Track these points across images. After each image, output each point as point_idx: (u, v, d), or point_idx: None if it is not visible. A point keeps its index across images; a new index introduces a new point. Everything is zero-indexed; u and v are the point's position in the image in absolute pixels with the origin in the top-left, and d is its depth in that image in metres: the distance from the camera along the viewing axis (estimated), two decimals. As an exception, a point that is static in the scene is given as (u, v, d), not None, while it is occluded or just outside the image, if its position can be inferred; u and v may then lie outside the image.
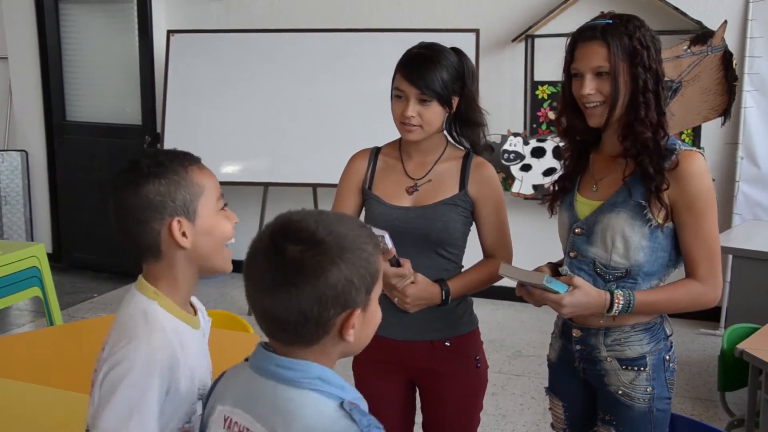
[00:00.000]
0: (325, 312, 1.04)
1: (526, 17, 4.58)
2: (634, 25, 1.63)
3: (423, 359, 1.93)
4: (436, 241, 1.88)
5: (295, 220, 1.07)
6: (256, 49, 4.82)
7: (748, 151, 4.30)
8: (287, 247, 1.03)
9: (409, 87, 1.81)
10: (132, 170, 1.24)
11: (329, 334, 1.07)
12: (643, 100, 1.63)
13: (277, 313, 1.04)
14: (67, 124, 5.68)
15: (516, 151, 4.59)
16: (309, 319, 1.04)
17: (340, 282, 1.03)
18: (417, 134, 1.85)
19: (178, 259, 1.27)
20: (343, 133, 4.64)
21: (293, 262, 1.02)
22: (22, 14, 5.57)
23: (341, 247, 1.05)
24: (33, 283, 3.74)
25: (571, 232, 1.75)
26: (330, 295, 1.03)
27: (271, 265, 1.04)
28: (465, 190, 1.89)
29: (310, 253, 1.03)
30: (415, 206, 1.89)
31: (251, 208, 5.15)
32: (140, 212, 1.22)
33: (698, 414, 3.33)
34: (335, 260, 1.03)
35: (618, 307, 1.64)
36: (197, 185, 1.27)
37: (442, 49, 1.87)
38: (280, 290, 1.03)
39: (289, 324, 1.04)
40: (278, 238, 1.05)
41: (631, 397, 1.71)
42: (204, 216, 1.27)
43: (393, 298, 1.86)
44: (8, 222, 5.66)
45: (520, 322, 4.47)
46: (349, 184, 1.99)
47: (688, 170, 1.62)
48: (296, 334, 1.06)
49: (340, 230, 1.07)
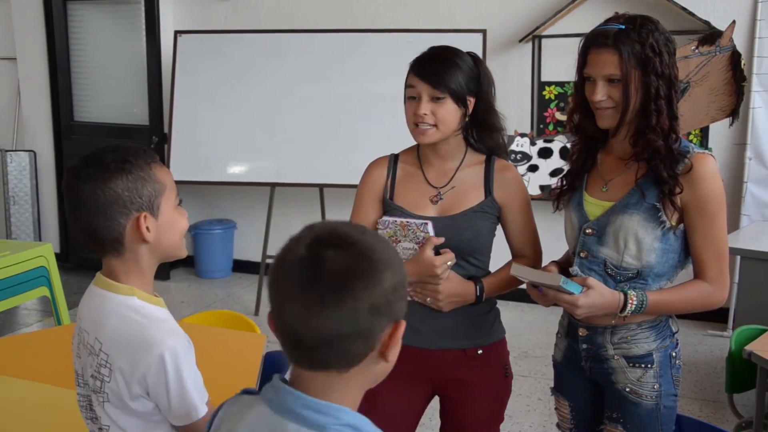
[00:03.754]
0: (377, 324, 0.96)
1: (533, 17, 4.57)
2: (647, 30, 1.61)
3: (453, 368, 1.88)
4: (466, 250, 1.83)
5: (335, 227, 0.99)
6: (263, 49, 4.83)
7: (757, 151, 4.28)
8: (337, 254, 0.95)
9: (422, 84, 1.77)
10: (96, 165, 1.27)
11: (373, 351, 0.98)
12: (655, 107, 1.62)
13: (330, 327, 0.94)
14: (75, 125, 5.71)
15: (523, 152, 4.58)
16: (360, 332, 0.95)
17: (392, 289, 0.97)
18: (432, 135, 1.79)
19: (141, 252, 1.31)
20: (350, 134, 4.65)
21: (348, 271, 0.94)
22: (30, 15, 5.60)
23: (387, 253, 0.99)
24: (41, 283, 3.75)
25: (581, 233, 1.75)
26: (383, 303, 0.96)
27: (321, 275, 0.94)
28: (491, 195, 1.84)
29: (363, 256, 0.96)
30: (441, 216, 1.83)
31: (258, 208, 5.16)
32: (107, 207, 1.26)
33: (706, 416, 3.32)
34: (387, 265, 0.97)
35: (631, 308, 1.65)
36: (160, 182, 1.31)
37: (455, 49, 1.83)
38: (335, 300, 0.93)
39: (339, 339, 0.94)
40: (322, 245, 0.96)
41: (639, 394, 1.72)
42: (165, 211, 1.31)
43: (425, 298, 1.82)
44: (16, 222, 5.68)
45: (527, 323, 4.46)
46: (369, 194, 1.91)
47: (701, 173, 1.62)
48: (343, 352, 0.96)
49: (378, 236, 1.02)
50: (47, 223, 5.86)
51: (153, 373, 1.24)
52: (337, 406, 0.98)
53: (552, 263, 1.83)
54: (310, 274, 0.94)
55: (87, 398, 1.35)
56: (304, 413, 0.97)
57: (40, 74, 5.65)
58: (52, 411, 1.97)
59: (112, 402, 1.28)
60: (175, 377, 1.25)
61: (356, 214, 1.92)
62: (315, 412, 0.97)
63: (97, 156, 1.28)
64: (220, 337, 2.47)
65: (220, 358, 2.18)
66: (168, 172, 1.35)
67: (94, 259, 1.36)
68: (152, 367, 1.24)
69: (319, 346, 0.95)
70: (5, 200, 5.63)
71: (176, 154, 4.89)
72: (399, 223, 1.78)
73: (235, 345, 2.41)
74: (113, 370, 1.26)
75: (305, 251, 0.96)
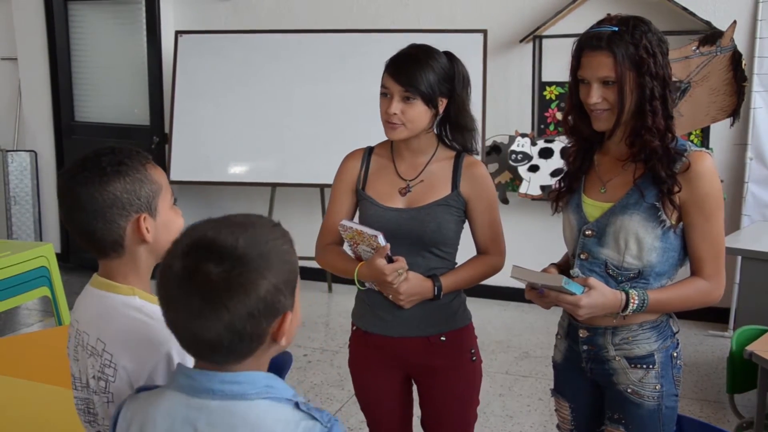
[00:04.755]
0: (259, 325, 1.01)
1: (533, 18, 4.57)
2: (640, 32, 1.62)
3: (419, 355, 1.95)
4: (430, 241, 1.90)
5: (210, 238, 1.01)
6: (264, 49, 4.83)
7: (757, 151, 4.28)
8: (210, 268, 0.98)
9: (393, 84, 1.83)
10: (93, 168, 1.27)
11: (263, 344, 1.05)
12: (650, 108, 1.63)
13: (210, 337, 1.00)
14: (76, 125, 5.71)
15: (524, 152, 4.58)
16: (244, 336, 1.01)
17: (269, 293, 1.01)
18: (400, 132, 1.86)
19: (140, 252, 1.32)
20: (351, 134, 4.63)
21: (220, 284, 0.98)
22: (31, 16, 5.60)
23: (264, 256, 1.01)
24: (42, 283, 3.76)
25: (581, 235, 1.75)
26: (261, 308, 1.00)
27: (197, 289, 0.99)
28: (457, 190, 1.91)
29: (237, 271, 0.99)
30: (408, 208, 1.90)
31: (259, 208, 5.15)
32: (106, 209, 1.26)
33: (707, 416, 3.31)
34: (262, 272, 1.00)
35: (633, 307, 1.66)
36: (156, 183, 1.32)
37: (430, 49, 1.88)
38: (210, 314, 0.98)
39: (222, 345, 1.01)
40: (198, 258, 1.00)
41: (641, 395, 1.72)
42: (162, 211, 1.33)
43: (387, 294, 1.89)
44: (17, 222, 5.69)
45: (527, 323, 4.46)
46: (343, 185, 2.00)
47: (699, 171, 1.63)
48: (231, 352, 1.03)
49: (257, 237, 1.03)
50: (48, 223, 5.86)
51: (161, 372, 1.24)
52: (251, 372, 1.06)
53: (551, 265, 1.83)
54: (184, 288, 1.00)
55: (85, 401, 1.35)
56: (222, 387, 1.04)
57: (41, 74, 5.65)
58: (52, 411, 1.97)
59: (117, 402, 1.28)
60: None
61: (332, 204, 2.02)
62: (232, 384, 1.04)
63: (92, 159, 1.29)
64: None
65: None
66: (162, 172, 1.36)
67: (95, 260, 1.36)
68: (160, 365, 1.23)
69: (204, 349, 1.03)
70: (6, 200, 5.64)
71: (177, 155, 4.89)
72: (355, 230, 1.84)
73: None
74: (118, 369, 1.26)
75: (180, 265, 1.01)
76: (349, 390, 3.59)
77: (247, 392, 1.04)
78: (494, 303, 4.64)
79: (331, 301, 4.95)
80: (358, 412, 3.41)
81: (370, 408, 2.07)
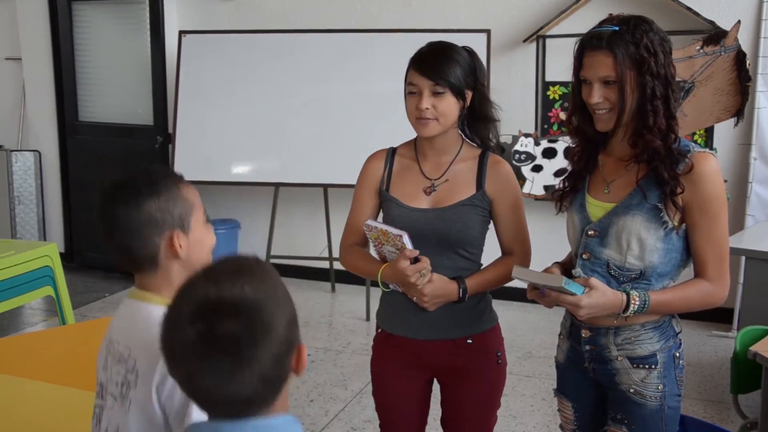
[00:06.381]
0: (284, 365, 1.01)
1: (537, 17, 4.57)
2: (641, 31, 1.61)
3: (445, 357, 1.94)
4: (456, 241, 1.89)
5: (216, 295, 0.97)
6: (267, 49, 4.83)
7: (762, 151, 4.27)
8: (229, 326, 0.95)
9: (422, 80, 1.82)
10: (129, 188, 1.34)
11: (287, 380, 1.04)
12: (651, 108, 1.62)
13: (246, 393, 0.98)
14: (80, 125, 5.72)
15: (527, 152, 4.58)
16: (274, 381, 1.00)
17: (285, 330, 1.00)
18: (433, 128, 1.85)
19: (173, 267, 1.36)
20: (354, 134, 4.65)
21: (244, 337, 0.95)
22: (35, 16, 5.61)
23: (272, 297, 1.00)
24: (45, 283, 3.76)
25: (583, 234, 1.75)
26: (284, 348, 1.00)
27: (221, 352, 0.95)
28: (483, 189, 1.90)
29: (254, 319, 0.97)
30: (434, 208, 1.89)
31: (262, 208, 5.16)
32: (142, 227, 1.32)
33: (710, 416, 3.31)
34: (276, 313, 0.99)
35: (634, 308, 1.65)
36: (188, 201, 1.38)
37: (451, 44, 1.89)
38: (242, 372, 0.96)
39: (257, 398, 0.99)
40: (212, 321, 0.96)
41: (643, 395, 1.72)
42: (195, 228, 1.39)
43: (412, 296, 1.88)
44: (21, 222, 5.70)
45: (531, 323, 4.46)
46: (366, 187, 1.98)
47: (703, 172, 1.62)
48: (263, 401, 1.01)
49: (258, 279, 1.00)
50: (52, 223, 5.87)
51: (170, 380, 1.24)
52: (277, 418, 1.02)
53: (555, 264, 1.83)
54: (208, 355, 0.96)
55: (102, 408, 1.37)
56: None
57: (45, 74, 5.66)
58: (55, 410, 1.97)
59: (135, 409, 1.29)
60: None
61: (355, 206, 2.00)
62: (268, 429, 1.01)
63: (129, 180, 1.36)
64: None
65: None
66: (195, 191, 1.41)
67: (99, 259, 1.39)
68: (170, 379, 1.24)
69: (241, 405, 0.99)
70: (10, 200, 5.65)
71: (180, 154, 4.90)
72: (380, 230, 1.83)
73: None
74: (139, 375, 1.28)
75: (193, 332, 0.96)
76: (352, 390, 3.59)
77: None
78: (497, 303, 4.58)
79: (334, 301, 4.94)
80: (361, 411, 3.41)
81: (386, 411, 2.05)
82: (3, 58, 5.94)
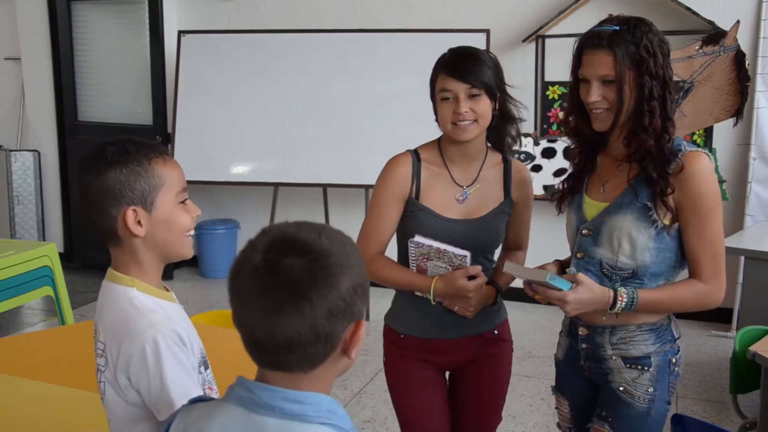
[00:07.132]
0: (336, 326, 0.98)
1: (536, 17, 4.57)
2: (641, 31, 1.62)
3: (472, 351, 1.99)
4: (487, 248, 1.96)
5: (292, 233, 1.00)
6: (267, 49, 4.83)
7: (761, 151, 4.27)
8: (294, 261, 0.96)
9: (457, 84, 1.81)
10: (97, 156, 1.28)
11: (336, 351, 1.01)
12: (648, 108, 1.62)
13: (288, 334, 0.96)
14: (79, 125, 5.72)
15: (526, 152, 4.58)
16: (320, 335, 0.97)
17: (348, 292, 0.98)
18: (472, 131, 1.84)
19: (136, 245, 1.31)
20: (354, 134, 4.65)
21: (305, 276, 0.95)
22: (34, 15, 5.61)
23: (345, 255, 0.99)
24: (45, 283, 3.76)
25: (578, 233, 1.76)
26: (342, 306, 0.97)
27: (279, 282, 0.96)
28: (510, 196, 1.95)
29: (321, 263, 0.97)
30: (470, 219, 1.91)
31: (261, 208, 5.16)
32: (100, 197, 1.27)
33: (710, 416, 3.31)
34: (343, 269, 0.98)
35: (621, 304, 1.65)
36: (158, 177, 1.30)
37: (475, 47, 1.91)
38: (292, 308, 0.95)
39: (299, 344, 0.96)
40: (281, 252, 0.97)
41: (632, 395, 1.72)
42: (162, 207, 1.30)
43: (453, 307, 1.91)
44: (20, 221, 5.70)
45: (531, 323, 4.46)
46: (392, 194, 1.91)
47: (693, 172, 1.62)
48: (304, 355, 0.98)
49: (336, 237, 1.01)
50: (51, 223, 5.87)
51: (134, 364, 1.24)
52: (315, 393, 1.01)
53: (555, 262, 1.83)
54: (265, 283, 0.96)
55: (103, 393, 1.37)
56: (283, 405, 0.99)
57: (44, 74, 5.66)
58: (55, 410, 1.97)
59: (109, 391, 1.29)
60: (156, 370, 1.23)
61: (378, 212, 1.93)
62: (294, 403, 0.99)
63: (102, 147, 1.30)
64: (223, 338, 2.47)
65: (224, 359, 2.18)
66: (175, 167, 1.33)
67: (99, 259, 1.38)
68: (134, 357, 1.23)
69: (279, 350, 0.98)
70: (9, 200, 5.65)
71: (180, 154, 4.89)
72: (434, 248, 1.84)
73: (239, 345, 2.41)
74: (108, 359, 1.27)
75: (261, 258, 0.98)
76: (352, 390, 3.59)
77: (307, 414, 0.99)
78: (497, 303, 4.63)
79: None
80: (361, 411, 3.41)
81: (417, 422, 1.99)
82: (2, 58, 5.94)
